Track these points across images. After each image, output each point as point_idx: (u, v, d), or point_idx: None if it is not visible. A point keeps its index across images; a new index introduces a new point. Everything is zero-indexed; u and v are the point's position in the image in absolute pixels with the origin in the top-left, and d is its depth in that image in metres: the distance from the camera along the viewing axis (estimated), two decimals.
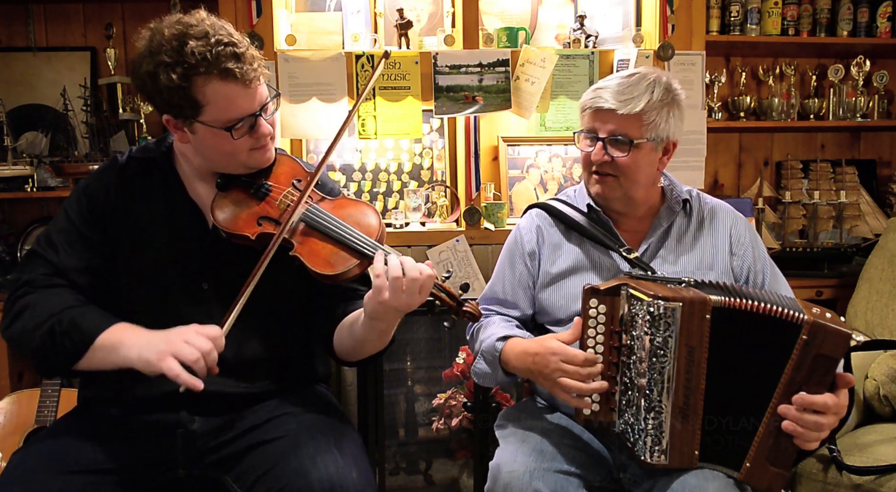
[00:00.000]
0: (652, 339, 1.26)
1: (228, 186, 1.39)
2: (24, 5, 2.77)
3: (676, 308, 1.24)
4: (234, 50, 1.24)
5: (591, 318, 1.32)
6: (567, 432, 1.44)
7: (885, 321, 2.33)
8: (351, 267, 1.31)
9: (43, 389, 2.17)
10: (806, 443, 1.21)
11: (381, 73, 2.41)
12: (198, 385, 1.17)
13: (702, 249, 1.53)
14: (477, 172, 2.50)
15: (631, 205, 1.54)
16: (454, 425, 2.32)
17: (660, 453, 1.27)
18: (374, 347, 1.38)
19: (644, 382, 1.27)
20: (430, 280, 1.23)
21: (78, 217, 1.36)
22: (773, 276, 1.54)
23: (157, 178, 1.41)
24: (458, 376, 2.35)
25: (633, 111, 1.43)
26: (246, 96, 1.28)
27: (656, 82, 1.45)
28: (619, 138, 1.45)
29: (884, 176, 3.18)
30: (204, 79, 1.24)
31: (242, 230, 1.33)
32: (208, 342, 1.19)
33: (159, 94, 1.26)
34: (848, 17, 2.95)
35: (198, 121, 1.28)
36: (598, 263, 1.53)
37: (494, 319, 1.57)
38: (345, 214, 1.38)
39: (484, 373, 1.51)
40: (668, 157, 1.52)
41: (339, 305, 1.43)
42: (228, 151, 1.32)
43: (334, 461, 1.23)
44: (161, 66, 1.23)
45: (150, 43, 1.25)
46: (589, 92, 1.50)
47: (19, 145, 2.69)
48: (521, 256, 1.59)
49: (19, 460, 1.26)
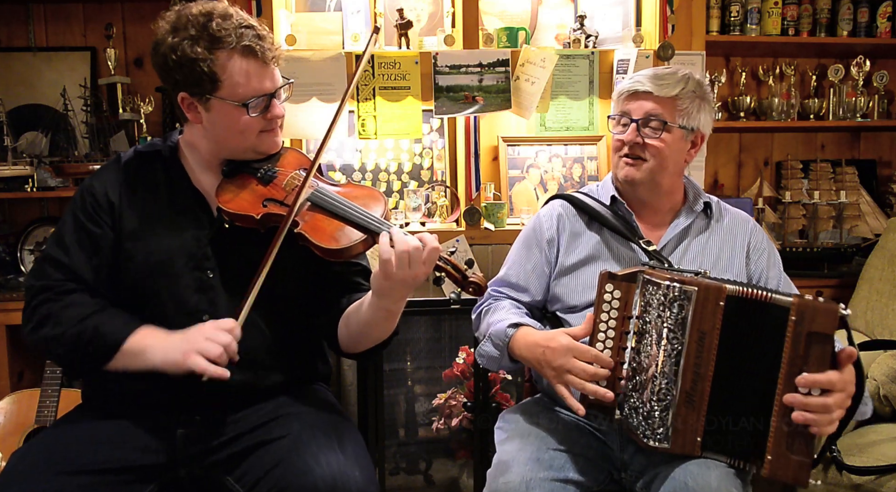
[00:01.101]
0: (664, 321, 1.27)
1: (234, 173, 1.41)
2: (24, 5, 2.77)
3: (692, 292, 1.26)
4: (256, 31, 1.33)
5: (605, 302, 1.33)
6: (567, 436, 1.44)
7: (885, 321, 2.33)
8: (356, 242, 1.31)
9: (43, 389, 2.17)
10: (821, 428, 1.20)
11: (381, 73, 2.42)
12: (224, 374, 1.23)
13: (719, 251, 1.55)
14: (477, 172, 2.51)
15: (656, 193, 1.57)
16: (454, 425, 2.33)
17: (664, 438, 1.28)
18: (379, 333, 1.38)
19: (653, 365, 1.28)
20: (434, 251, 1.24)
21: (84, 214, 1.38)
22: (787, 284, 1.56)
23: (161, 170, 1.43)
24: (458, 376, 2.35)
25: (669, 95, 1.48)
26: (264, 75, 1.34)
27: (690, 76, 1.52)
28: (653, 119, 1.49)
29: (884, 176, 3.18)
30: (227, 53, 1.30)
31: (247, 211, 1.34)
32: (227, 335, 1.25)
33: (180, 69, 1.31)
34: (848, 17, 2.95)
35: (215, 96, 1.32)
36: (617, 253, 1.55)
37: (504, 304, 1.58)
38: (350, 193, 1.40)
39: (490, 356, 1.52)
40: (695, 150, 1.56)
41: (342, 296, 1.44)
42: (240, 130, 1.36)
43: (337, 460, 1.23)
44: (186, 40, 1.29)
45: (177, 20, 1.32)
46: (627, 80, 1.56)
47: (19, 145, 2.70)
48: (538, 243, 1.61)
49: (19, 460, 1.26)
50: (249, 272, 1.29)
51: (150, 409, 1.34)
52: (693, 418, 1.27)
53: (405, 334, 2.56)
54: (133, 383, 1.32)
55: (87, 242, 1.36)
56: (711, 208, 1.60)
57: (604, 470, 1.43)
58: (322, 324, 1.47)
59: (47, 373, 2.17)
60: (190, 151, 1.44)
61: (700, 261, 1.54)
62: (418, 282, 1.25)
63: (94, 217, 1.37)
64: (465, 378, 2.34)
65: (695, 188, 1.61)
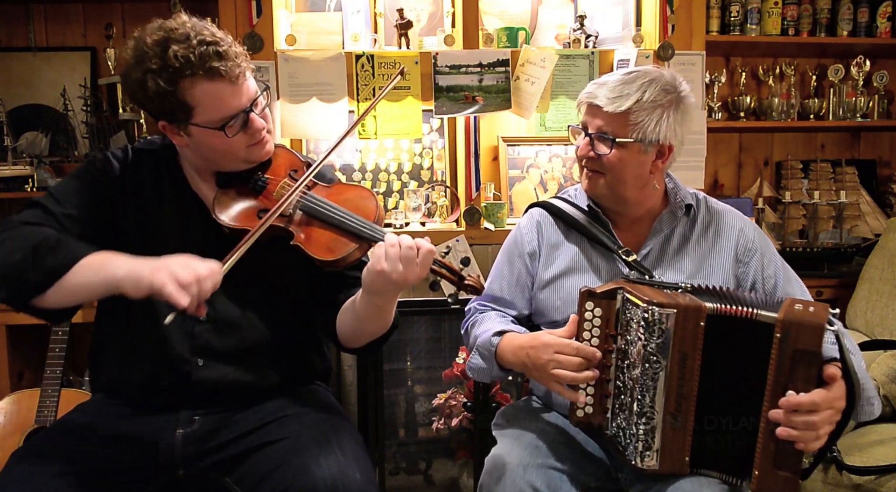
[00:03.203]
0: (645, 344, 1.25)
1: (228, 182, 1.40)
2: (24, 5, 2.77)
3: (671, 314, 1.23)
4: (217, 48, 1.25)
5: (586, 321, 1.32)
6: (563, 433, 1.44)
7: (885, 321, 2.33)
8: (351, 251, 1.31)
9: (43, 389, 2.17)
10: (807, 444, 1.18)
11: (381, 73, 2.42)
12: (181, 302, 1.11)
13: (704, 256, 1.50)
14: (477, 172, 2.50)
15: (624, 205, 1.52)
16: (454, 425, 2.33)
17: (650, 459, 1.26)
18: (375, 328, 1.38)
19: (637, 386, 1.26)
20: (429, 254, 1.23)
21: (87, 175, 1.35)
22: (787, 279, 1.50)
23: (165, 171, 1.42)
24: (458, 376, 2.35)
25: (619, 110, 1.41)
26: (234, 93, 1.29)
27: (652, 82, 1.42)
28: (603, 135, 1.44)
29: (884, 176, 3.18)
30: (190, 81, 1.25)
31: (243, 224, 1.34)
32: (206, 269, 1.16)
33: (150, 102, 1.27)
34: (848, 17, 2.95)
35: (191, 123, 1.29)
36: (596, 265, 1.52)
37: (490, 315, 1.57)
38: (342, 199, 1.39)
39: (479, 368, 1.51)
40: (663, 160, 1.48)
41: (340, 291, 1.44)
42: (225, 150, 1.33)
43: (337, 461, 1.23)
44: (148, 73, 1.24)
45: (136, 51, 1.26)
46: (587, 86, 1.50)
47: (19, 145, 2.70)
48: (520, 255, 1.59)
49: (19, 459, 1.26)
50: (249, 276, 1.28)
51: (149, 409, 1.34)
52: (679, 438, 1.26)
53: (405, 334, 2.56)
54: (132, 380, 1.32)
55: (77, 198, 1.32)
56: (695, 209, 1.54)
57: (600, 468, 1.42)
58: (321, 320, 1.47)
59: (47, 373, 2.17)
60: (185, 159, 1.43)
61: (684, 269, 1.49)
62: (409, 283, 1.24)
63: (95, 185, 1.34)
64: (464, 378, 2.34)
65: (677, 190, 1.54)
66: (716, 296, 1.28)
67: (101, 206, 1.34)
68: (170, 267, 1.14)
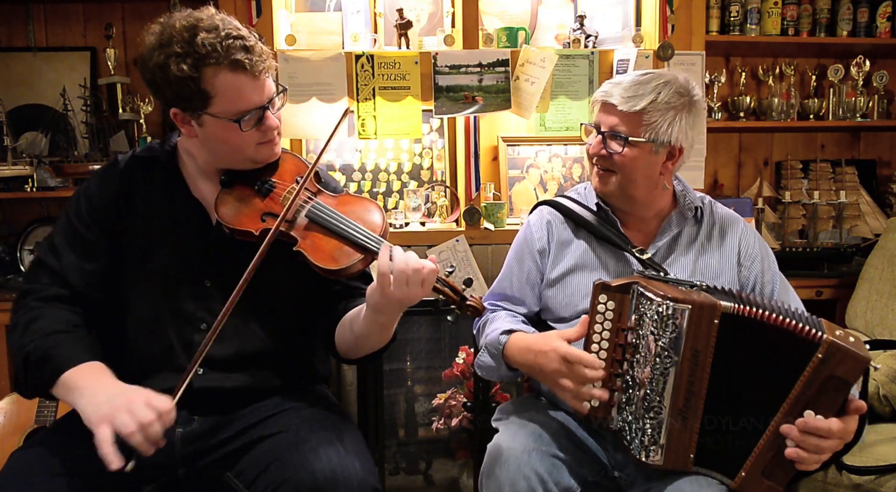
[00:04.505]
0: (658, 339, 1.25)
1: (233, 183, 1.39)
2: (24, 5, 2.77)
3: (685, 310, 1.23)
4: (244, 42, 1.27)
5: (598, 313, 1.32)
6: (564, 428, 1.44)
7: (885, 321, 2.33)
8: (354, 262, 1.31)
9: None
10: (807, 465, 1.19)
11: (381, 73, 2.42)
12: (112, 464, 1.10)
13: (710, 258, 1.53)
14: (477, 172, 2.50)
15: (634, 205, 1.54)
16: (454, 425, 2.33)
17: (655, 453, 1.27)
18: (375, 343, 1.38)
19: (646, 381, 1.27)
20: (432, 274, 1.23)
21: (78, 219, 1.36)
22: (784, 289, 1.53)
23: (159, 176, 1.41)
24: (458, 376, 2.35)
25: (634, 109, 1.43)
26: (254, 88, 1.30)
27: (667, 84, 1.44)
28: (616, 134, 1.46)
29: (884, 176, 3.18)
30: (214, 69, 1.26)
31: (246, 226, 1.34)
32: (151, 414, 1.13)
33: (169, 86, 1.27)
34: (848, 17, 2.95)
35: (206, 113, 1.29)
36: (605, 262, 1.53)
37: (501, 314, 1.58)
38: (348, 210, 1.38)
39: (488, 366, 1.51)
40: (673, 162, 1.50)
41: (340, 302, 1.44)
42: (236, 144, 1.33)
43: (337, 453, 1.23)
44: (172, 57, 1.24)
45: (161, 35, 1.27)
46: (603, 85, 1.51)
47: (19, 145, 2.69)
48: (530, 253, 1.60)
49: (19, 459, 1.26)
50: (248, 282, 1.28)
51: None
52: (686, 435, 1.26)
53: (405, 334, 2.56)
54: None
55: (80, 248, 1.35)
56: (702, 213, 1.56)
57: (599, 465, 1.43)
58: (320, 328, 1.46)
59: None
60: (188, 158, 1.42)
61: (691, 269, 1.51)
62: (413, 301, 1.25)
63: (89, 222, 1.36)
64: (464, 378, 2.34)
65: (686, 192, 1.56)
66: (732, 297, 1.28)
67: (93, 236, 1.35)
68: (116, 418, 1.12)
